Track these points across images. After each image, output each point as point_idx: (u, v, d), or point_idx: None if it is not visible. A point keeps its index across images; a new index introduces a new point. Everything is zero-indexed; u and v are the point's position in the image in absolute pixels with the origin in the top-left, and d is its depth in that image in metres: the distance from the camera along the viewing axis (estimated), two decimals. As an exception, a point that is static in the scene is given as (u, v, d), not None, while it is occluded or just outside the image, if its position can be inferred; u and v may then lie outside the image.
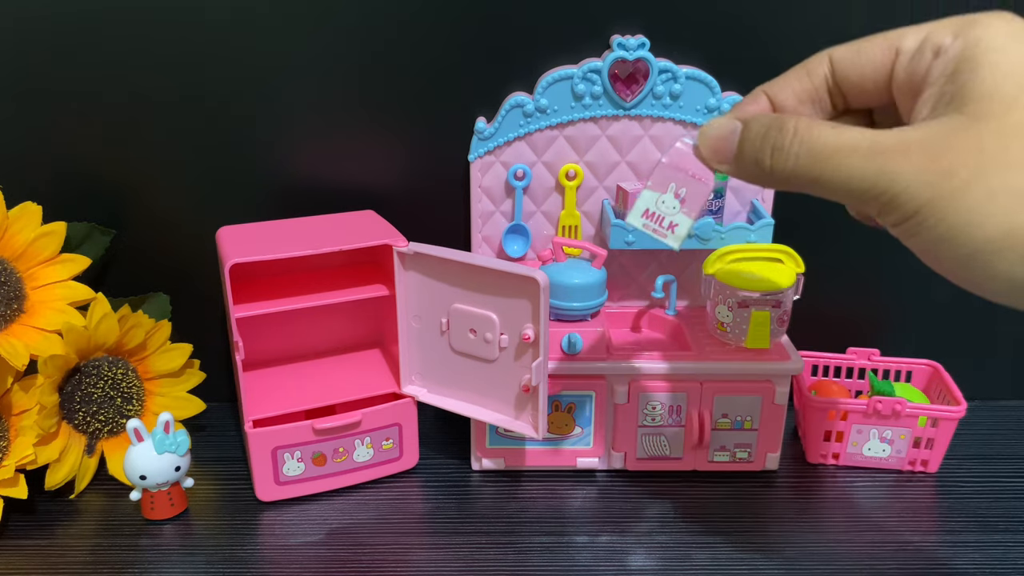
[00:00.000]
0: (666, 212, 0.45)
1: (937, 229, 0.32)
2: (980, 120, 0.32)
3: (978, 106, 0.32)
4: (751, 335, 0.64)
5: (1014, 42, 0.32)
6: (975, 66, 0.32)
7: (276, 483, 0.64)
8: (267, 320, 0.64)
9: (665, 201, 0.45)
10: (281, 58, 0.67)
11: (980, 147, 0.31)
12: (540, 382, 0.56)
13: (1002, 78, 0.32)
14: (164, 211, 0.71)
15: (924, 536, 0.61)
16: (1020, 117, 0.31)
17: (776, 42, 0.66)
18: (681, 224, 0.45)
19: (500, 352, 0.59)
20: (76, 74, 0.66)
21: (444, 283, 0.60)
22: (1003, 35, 0.33)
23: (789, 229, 0.69)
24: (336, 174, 0.70)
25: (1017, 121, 0.31)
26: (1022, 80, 0.31)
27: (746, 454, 0.66)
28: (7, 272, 0.62)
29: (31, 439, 0.61)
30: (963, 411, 0.66)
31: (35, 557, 0.59)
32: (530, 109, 0.66)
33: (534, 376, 0.56)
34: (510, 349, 0.59)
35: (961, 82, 0.33)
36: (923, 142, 0.32)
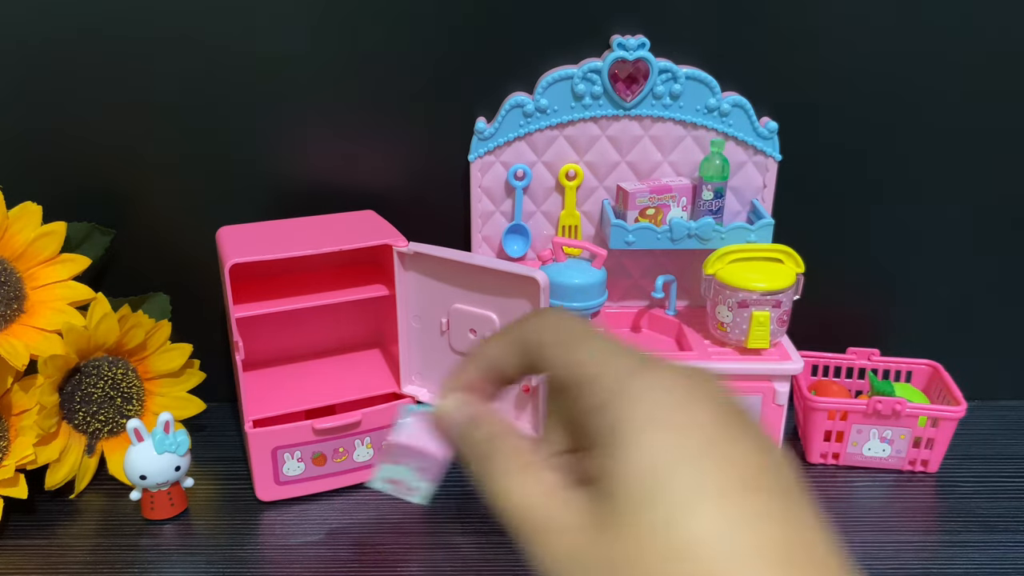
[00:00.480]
0: (406, 478, 0.44)
1: None
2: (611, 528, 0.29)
3: (609, 504, 0.29)
4: (751, 335, 0.64)
5: (652, 423, 0.29)
6: (612, 446, 0.29)
7: (276, 483, 0.63)
8: (267, 320, 0.64)
9: (402, 472, 0.44)
10: (281, 59, 0.67)
11: (611, 562, 0.28)
12: (540, 383, 0.56)
13: (629, 471, 0.28)
14: (164, 211, 0.71)
15: (924, 536, 0.61)
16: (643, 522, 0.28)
17: (776, 42, 0.66)
18: (423, 487, 0.44)
19: (500, 352, 0.59)
20: (76, 75, 0.66)
21: (444, 283, 0.60)
22: (646, 412, 0.29)
23: (789, 229, 0.69)
24: (336, 174, 0.70)
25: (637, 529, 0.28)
26: (653, 473, 0.28)
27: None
28: (7, 272, 0.62)
29: (31, 439, 0.61)
30: (963, 411, 0.66)
31: (35, 557, 0.59)
32: (530, 109, 0.66)
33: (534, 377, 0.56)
34: (510, 349, 0.58)
35: (601, 468, 0.29)
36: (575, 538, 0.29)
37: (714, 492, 0.28)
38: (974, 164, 0.70)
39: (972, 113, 0.68)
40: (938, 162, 0.70)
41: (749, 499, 0.27)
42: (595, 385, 0.31)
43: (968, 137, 0.69)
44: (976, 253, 0.73)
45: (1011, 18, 0.66)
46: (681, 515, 0.27)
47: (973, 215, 0.72)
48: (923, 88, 0.68)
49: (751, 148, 0.68)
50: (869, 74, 0.67)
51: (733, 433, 0.29)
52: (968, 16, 0.65)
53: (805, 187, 0.70)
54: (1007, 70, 0.67)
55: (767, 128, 0.67)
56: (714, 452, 0.28)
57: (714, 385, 0.30)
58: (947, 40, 0.66)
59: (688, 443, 0.28)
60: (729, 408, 0.29)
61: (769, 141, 0.67)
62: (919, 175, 0.71)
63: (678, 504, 0.28)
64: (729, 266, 0.65)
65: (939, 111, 0.68)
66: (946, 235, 0.72)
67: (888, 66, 0.67)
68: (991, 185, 0.71)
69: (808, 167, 0.70)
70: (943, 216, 0.72)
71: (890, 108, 0.68)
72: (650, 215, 0.67)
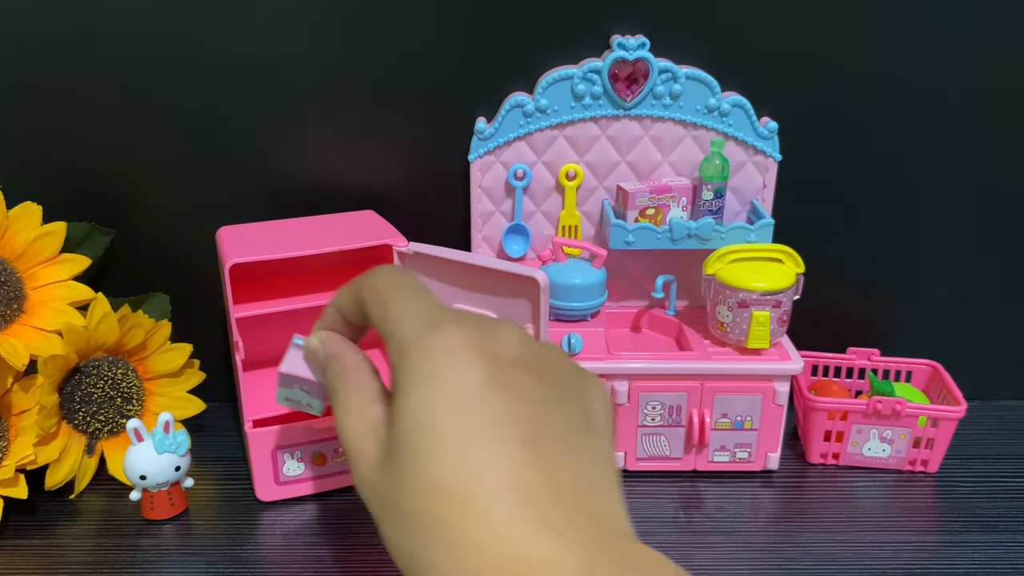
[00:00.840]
0: (300, 398, 0.50)
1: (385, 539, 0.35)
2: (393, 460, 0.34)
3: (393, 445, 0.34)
4: (751, 335, 0.64)
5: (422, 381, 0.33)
6: (396, 395, 0.34)
7: (276, 483, 0.64)
8: (267, 320, 0.64)
9: (296, 394, 0.50)
10: (281, 59, 0.67)
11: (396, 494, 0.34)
12: None
13: (403, 419, 0.33)
14: (164, 211, 0.71)
15: (924, 536, 0.61)
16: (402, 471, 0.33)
17: (776, 42, 0.66)
18: (315, 404, 0.50)
19: (500, 352, 0.59)
20: (76, 75, 0.66)
21: (444, 283, 0.60)
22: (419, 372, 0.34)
23: (789, 229, 0.69)
24: (336, 174, 0.70)
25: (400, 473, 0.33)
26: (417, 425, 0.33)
27: (746, 454, 0.66)
28: (7, 272, 0.62)
29: (31, 439, 0.61)
30: (963, 411, 0.66)
31: (35, 557, 0.59)
32: (530, 109, 0.66)
33: None
34: (510, 349, 0.58)
35: (393, 409, 0.34)
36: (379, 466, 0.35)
37: (459, 440, 0.32)
38: (974, 164, 0.70)
39: (972, 113, 0.68)
40: (938, 162, 0.70)
41: (496, 447, 0.32)
42: (392, 343, 0.35)
43: (968, 137, 0.69)
44: (976, 253, 0.73)
45: (1012, 18, 0.66)
46: (428, 461, 0.32)
47: (973, 215, 0.72)
48: (923, 88, 0.68)
49: (751, 148, 0.68)
50: (869, 74, 0.67)
51: (499, 383, 0.33)
52: (968, 16, 0.65)
53: (805, 187, 0.70)
54: (1007, 70, 0.67)
55: (767, 128, 0.67)
56: (470, 403, 0.32)
57: (500, 336, 0.34)
58: (947, 40, 0.66)
59: (450, 394, 0.32)
60: (504, 358, 0.34)
61: (769, 141, 0.67)
62: (919, 175, 0.71)
63: (428, 450, 0.32)
64: (729, 266, 0.65)
65: (939, 111, 0.68)
66: (946, 235, 0.73)
67: (888, 66, 0.67)
68: (991, 185, 0.71)
69: (808, 167, 0.70)
70: (943, 216, 0.72)
71: (890, 108, 0.68)
72: (650, 215, 0.67)
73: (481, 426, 0.33)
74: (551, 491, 0.32)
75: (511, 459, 0.32)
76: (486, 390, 0.33)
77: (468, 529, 0.31)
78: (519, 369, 0.35)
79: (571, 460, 0.33)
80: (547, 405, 0.35)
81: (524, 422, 0.33)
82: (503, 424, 0.33)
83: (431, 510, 0.32)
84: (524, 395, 0.34)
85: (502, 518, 0.31)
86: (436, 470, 0.32)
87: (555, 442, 0.33)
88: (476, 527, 0.31)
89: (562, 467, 0.33)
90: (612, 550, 0.31)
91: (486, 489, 0.31)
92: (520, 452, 0.32)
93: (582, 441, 0.35)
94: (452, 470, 0.32)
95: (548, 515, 0.31)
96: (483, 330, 0.36)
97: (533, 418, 0.34)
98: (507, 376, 0.34)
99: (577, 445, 0.34)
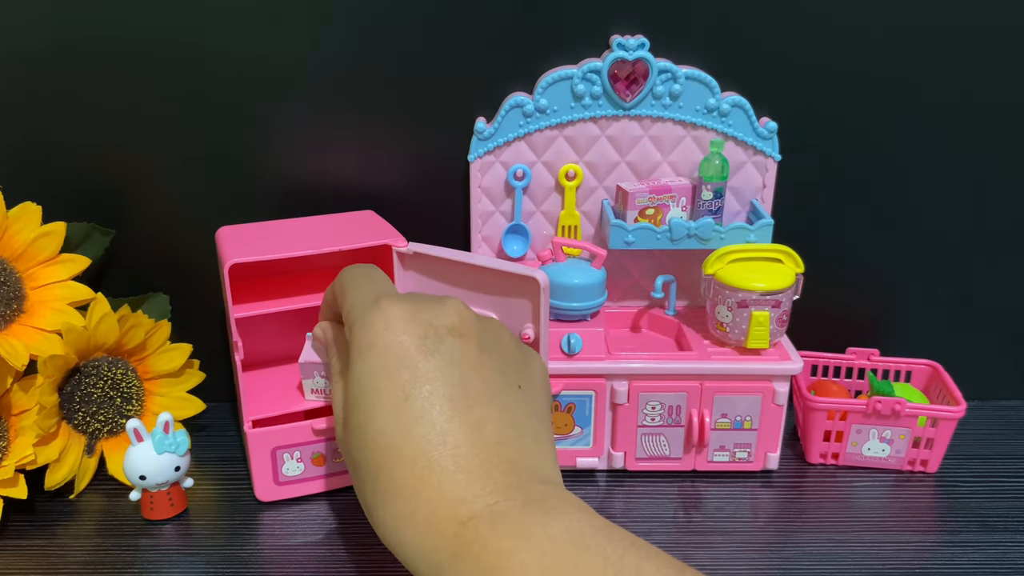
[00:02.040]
0: (323, 386, 0.63)
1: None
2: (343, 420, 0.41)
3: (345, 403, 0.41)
4: (751, 335, 0.64)
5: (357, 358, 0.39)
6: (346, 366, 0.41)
7: (275, 483, 0.64)
8: (267, 320, 0.64)
9: (317, 381, 0.63)
10: (281, 58, 0.67)
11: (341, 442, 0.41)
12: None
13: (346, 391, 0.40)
14: (164, 211, 0.71)
15: (924, 536, 0.61)
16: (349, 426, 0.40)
17: (776, 42, 0.66)
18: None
19: (500, 352, 0.59)
20: (76, 74, 0.66)
21: (444, 283, 0.60)
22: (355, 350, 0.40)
23: (789, 229, 0.69)
24: (336, 174, 0.70)
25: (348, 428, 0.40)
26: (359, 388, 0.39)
27: (746, 454, 0.66)
28: (7, 272, 0.62)
29: (31, 439, 0.61)
30: (963, 411, 0.66)
31: (35, 557, 0.59)
32: (530, 109, 0.66)
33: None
34: (510, 349, 0.58)
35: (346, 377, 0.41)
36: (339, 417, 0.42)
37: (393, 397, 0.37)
38: (974, 164, 0.70)
39: (973, 113, 0.68)
40: (938, 162, 0.70)
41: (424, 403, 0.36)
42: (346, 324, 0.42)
43: (968, 137, 0.69)
44: (976, 253, 0.73)
45: (1012, 18, 0.66)
46: (368, 416, 0.37)
47: (973, 215, 0.72)
48: (923, 88, 0.68)
49: (751, 148, 0.68)
50: (869, 74, 0.67)
51: (431, 348, 0.37)
52: (968, 16, 0.65)
53: (805, 187, 0.70)
54: (1008, 70, 0.67)
55: (767, 128, 0.67)
56: (403, 365, 0.37)
57: (438, 308, 0.39)
58: (947, 41, 0.66)
59: (386, 360, 0.37)
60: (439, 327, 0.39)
61: (769, 141, 0.67)
62: (919, 175, 0.71)
63: (368, 408, 0.37)
64: (729, 266, 0.65)
65: (939, 111, 0.68)
66: (946, 235, 0.73)
67: (888, 66, 0.67)
68: (991, 185, 0.71)
69: (808, 167, 0.70)
70: (943, 216, 0.72)
71: (890, 108, 0.68)
72: (650, 215, 0.67)
73: (412, 385, 0.37)
74: (472, 441, 0.36)
75: (438, 413, 0.36)
76: (417, 354, 0.38)
77: (396, 475, 0.36)
78: (453, 336, 0.39)
79: (499, 414, 0.37)
80: (481, 367, 0.39)
81: (454, 381, 0.37)
82: (433, 382, 0.37)
83: (371, 459, 0.37)
84: (456, 358, 0.38)
85: (426, 465, 0.35)
86: (375, 424, 0.37)
87: (485, 399, 0.38)
88: (404, 474, 0.36)
89: (488, 420, 0.37)
90: (521, 492, 0.34)
91: (414, 439, 0.36)
92: (447, 406, 0.36)
93: (513, 397, 0.39)
94: (387, 424, 0.37)
95: (465, 462, 0.35)
96: (422, 304, 0.40)
97: (464, 377, 0.38)
98: (439, 341, 0.38)
99: (507, 402, 0.38)
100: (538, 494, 0.35)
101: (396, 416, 0.37)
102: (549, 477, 0.37)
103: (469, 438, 0.36)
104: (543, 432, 0.39)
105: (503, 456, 0.36)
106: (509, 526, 0.33)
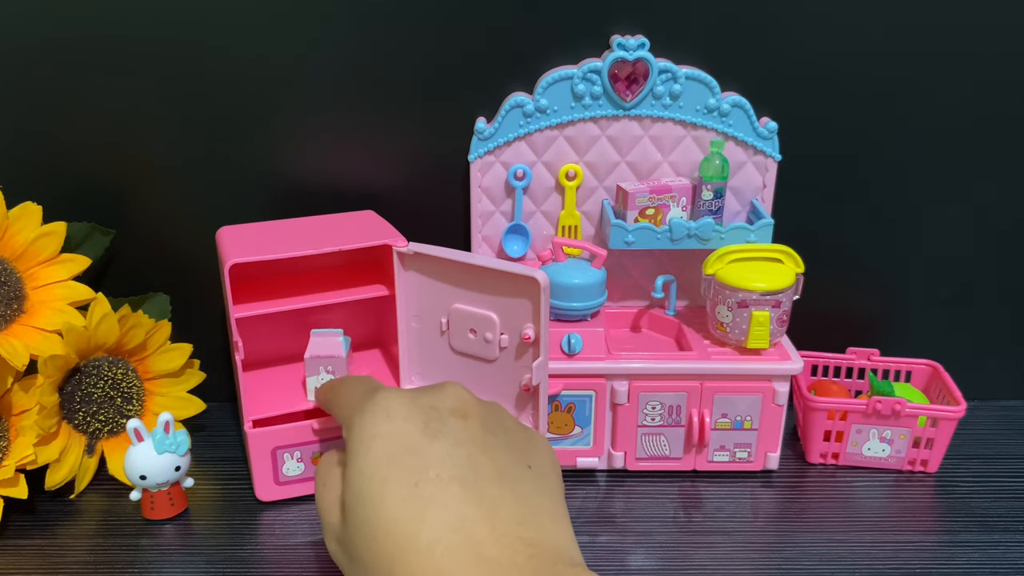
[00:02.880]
0: None
1: None
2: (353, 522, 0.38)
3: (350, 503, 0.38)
4: (751, 335, 0.64)
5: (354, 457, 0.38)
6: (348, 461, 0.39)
7: (276, 483, 0.64)
8: (267, 320, 0.64)
9: (322, 378, 0.63)
10: (281, 59, 0.67)
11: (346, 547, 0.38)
12: (541, 382, 0.56)
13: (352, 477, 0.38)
14: (164, 211, 0.71)
15: (924, 536, 0.61)
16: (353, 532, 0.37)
17: (776, 42, 0.66)
18: None
19: (500, 352, 0.59)
20: (76, 74, 0.66)
21: (444, 283, 0.60)
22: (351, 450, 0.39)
23: (789, 229, 0.69)
24: (336, 174, 0.71)
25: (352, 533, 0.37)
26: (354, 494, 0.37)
27: (746, 454, 0.66)
28: (7, 272, 0.62)
29: (31, 439, 0.61)
30: (963, 411, 0.66)
31: (35, 557, 0.59)
32: (530, 109, 0.66)
33: (535, 376, 0.56)
34: (510, 349, 0.58)
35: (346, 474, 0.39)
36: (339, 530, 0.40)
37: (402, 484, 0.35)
38: (974, 164, 0.70)
39: (973, 113, 0.68)
40: (938, 162, 0.70)
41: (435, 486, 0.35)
42: (343, 424, 0.42)
43: (969, 137, 0.69)
44: (976, 253, 0.73)
45: (1012, 19, 0.66)
46: (377, 507, 0.35)
47: (973, 215, 0.72)
48: (923, 88, 0.68)
49: (751, 148, 0.68)
50: (869, 74, 0.67)
51: (436, 431, 0.37)
52: (968, 17, 0.65)
53: (805, 187, 0.70)
54: (1007, 71, 0.67)
55: (767, 128, 0.67)
56: (409, 451, 0.36)
57: (437, 391, 0.39)
58: (947, 41, 0.66)
59: (391, 446, 0.36)
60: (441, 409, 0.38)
61: (769, 141, 0.67)
62: (919, 175, 0.71)
63: (376, 498, 0.36)
64: (729, 266, 0.65)
65: (939, 111, 0.68)
66: (946, 235, 0.73)
67: (888, 66, 0.67)
68: (991, 185, 0.71)
69: (808, 167, 0.70)
70: (943, 216, 0.72)
71: (890, 108, 0.68)
72: (650, 215, 0.67)
73: (421, 469, 0.35)
74: (490, 524, 0.34)
75: (451, 497, 0.35)
76: (422, 438, 0.37)
77: (414, 566, 0.33)
78: (456, 417, 0.38)
79: (512, 495, 0.36)
80: (487, 447, 0.37)
81: (462, 463, 0.36)
82: (442, 466, 0.36)
83: (383, 551, 0.35)
84: (462, 438, 0.37)
85: (445, 552, 0.33)
86: (385, 513, 0.35)
87: (496, 479, 0.36)
88: (422, 563, 0.33)
89: (503, 501, 0.35)
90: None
91: (428, 525, 0.34)
92: (459, 490, 0.35)
93: (524, 476, 0.37)
94: (399, 512, 0.35)
95: (486, 549, 0.33)
96: (420, 391, 0.40)
97: (472, 458, 0.36)
98: (443, 424, 0.37)
99: (519, 480, 0.37)
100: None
101: (407, 503, 0.35)
102: (574, 558, 0.35)
103: (487, 521, 0.34)
104: (560, 510, 0.38)
105: (524, 539, 0.34)
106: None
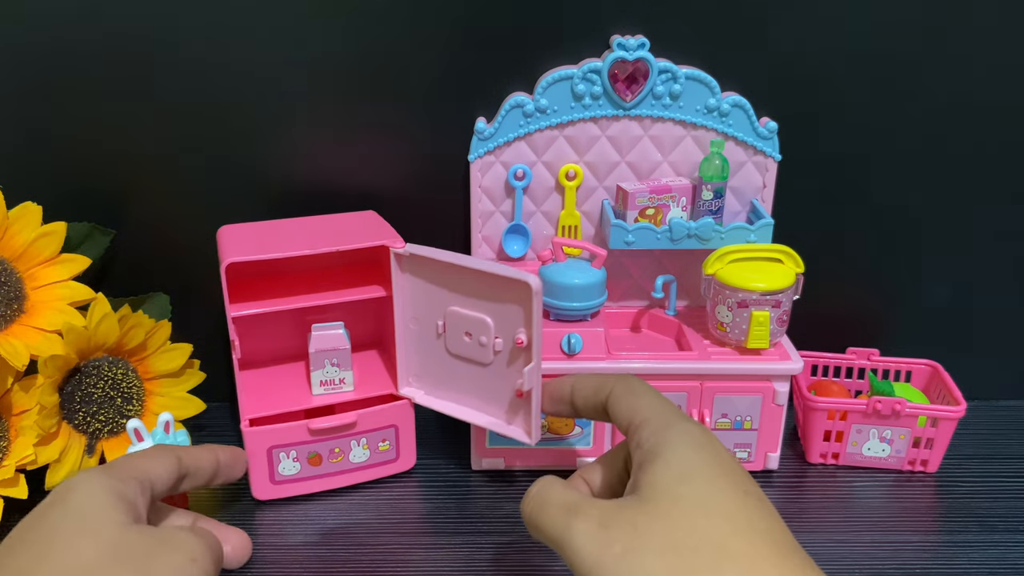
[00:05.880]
0: (334, 376, 0.65)
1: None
2: (641, 502, 0.39)
3: (644, 491, 0.39)
4: (751, 335, 0.64)
5: (687, 447, 0.41)
6: (654, 459, 0.40)
7: (272, 482, 0.64)
8: (266, 320, 0.64)
9: (328, 371, 0.64)
10: (281, 58, 0.67)
11: (634, 524, 0.38)
12: (533, 387, 0.56)
13: (666, 472, 0.40)
14: (164, 211, 0.71)
15: (924, 536, 0.61)
16: (668, 505, 0.38)
17: (776, 42, 0.66)
18: (347, 377, 0.65)
19: (495, 356, 0.59)
20: (76, 74, 0.66)
21: (440, 285, 0.60)
22: (683, 441, 0.41)
23: (789, 229, 0.69)
24: (336, 174, 0.71)
25: (665, 508, 0.38)
26: (681, 476, 0.39)
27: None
28: (7, 272, 0.62)
29: (31, 439, 0.61)
30: (963, 411, 0.66)
31: (35, 557, 0.58)
32: (530, 109, 0.66)
33: (527, 381, 0.56)
34: (504, 353, 0.58)
35: (643, 472, 0.41)
36: (602, 510, 0.40)
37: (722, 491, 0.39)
38: (974, 164, 0.70)
39: (973, 113, 0.68)
40: (938, 162, 0.70)
41: (745, 500, 0.39)
42: (648, 424, 0.43)
43: (968, 137, 0.69)
44: (976, 253, 0.73)
45: (1012, 18, 0.65)
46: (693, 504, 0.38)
47: (973, 215, 0.72)
48: (923, 89, 0.68)
49: (751, 148, 0.68)
50: (869, 75, 0.67)
51: (732, 458, 0.41)
52: (968, 18, 0.65)
53: (805, 187, 0.70)
54: (1008, 70, 0.67)
55: (767, 128, 0.67)
56: (721, 468, 0.40)
57: (715, 438, 0.43)
58: (947, 41, 0.66)
59: (706, 457, 0.40)
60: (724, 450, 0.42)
61: (769, 141, 0.67)
62: (919, 175, 0.71)
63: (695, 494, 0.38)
64: (729, 266, 0.65)
65: (939, 111, 0.68)
66: (946, 235, 0.72)
67: (889, 66, 0.67)
68: (991, 185, 0.71)
69: (808, 167, 0.70)
70: (943, 216, 0.72)
71: (890, 108, 0.68)
72: (650, 215, 0.67)
73: (751, 484, 0.40)
74: (784, 536, 0.38)
75: (748, 508, 0.38)
76: (725, 459, 0.41)
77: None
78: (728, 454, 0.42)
79: (772, 514, 0.39)
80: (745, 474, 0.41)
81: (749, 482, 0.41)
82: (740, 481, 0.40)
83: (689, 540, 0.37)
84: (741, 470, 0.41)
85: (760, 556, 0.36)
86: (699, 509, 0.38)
87: (760, 500, 0.40)
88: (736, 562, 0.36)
89: (774, 519, 0.39)
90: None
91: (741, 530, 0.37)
92: (754, 502, 0.39)
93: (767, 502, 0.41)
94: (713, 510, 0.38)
95: (791, 558, 0.36)
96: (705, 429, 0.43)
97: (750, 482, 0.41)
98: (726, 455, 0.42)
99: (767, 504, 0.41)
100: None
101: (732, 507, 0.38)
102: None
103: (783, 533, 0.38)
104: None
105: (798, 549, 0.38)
106: None
